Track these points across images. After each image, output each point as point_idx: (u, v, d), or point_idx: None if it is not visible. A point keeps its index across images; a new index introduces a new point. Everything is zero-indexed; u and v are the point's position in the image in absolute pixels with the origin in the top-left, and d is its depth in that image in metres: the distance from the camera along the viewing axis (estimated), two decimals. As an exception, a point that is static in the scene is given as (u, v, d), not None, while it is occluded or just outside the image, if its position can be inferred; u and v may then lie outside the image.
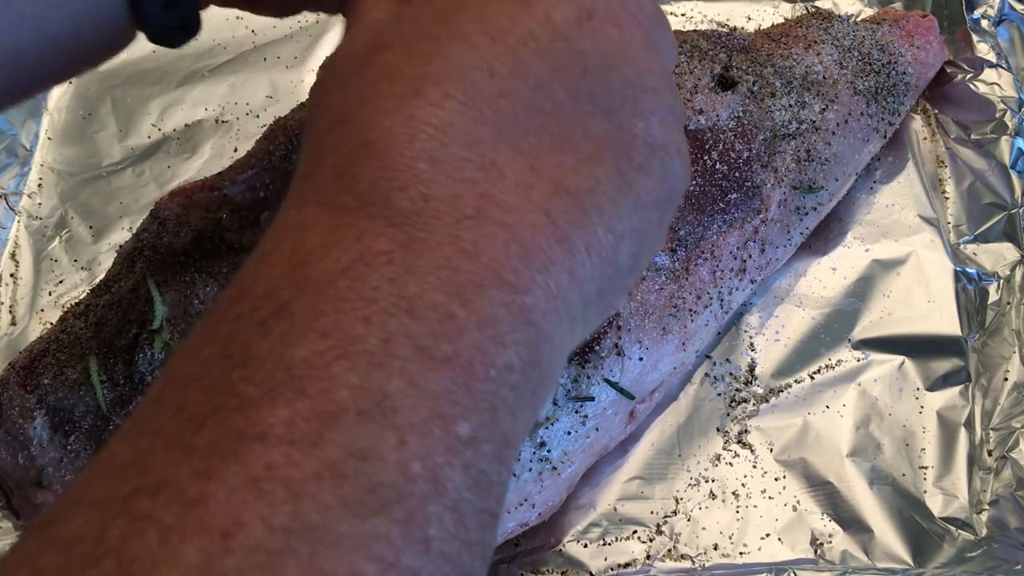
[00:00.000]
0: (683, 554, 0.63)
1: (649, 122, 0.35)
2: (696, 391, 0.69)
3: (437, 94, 0.32)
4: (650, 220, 0.35)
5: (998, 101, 0.78)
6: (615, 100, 0.34)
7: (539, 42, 0.33)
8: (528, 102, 0.33)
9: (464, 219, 0.31)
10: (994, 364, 0.70)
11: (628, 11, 0.36)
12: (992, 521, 0.64)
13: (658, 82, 0.36)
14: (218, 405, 0.27)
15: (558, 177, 0.33)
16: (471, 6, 0.34)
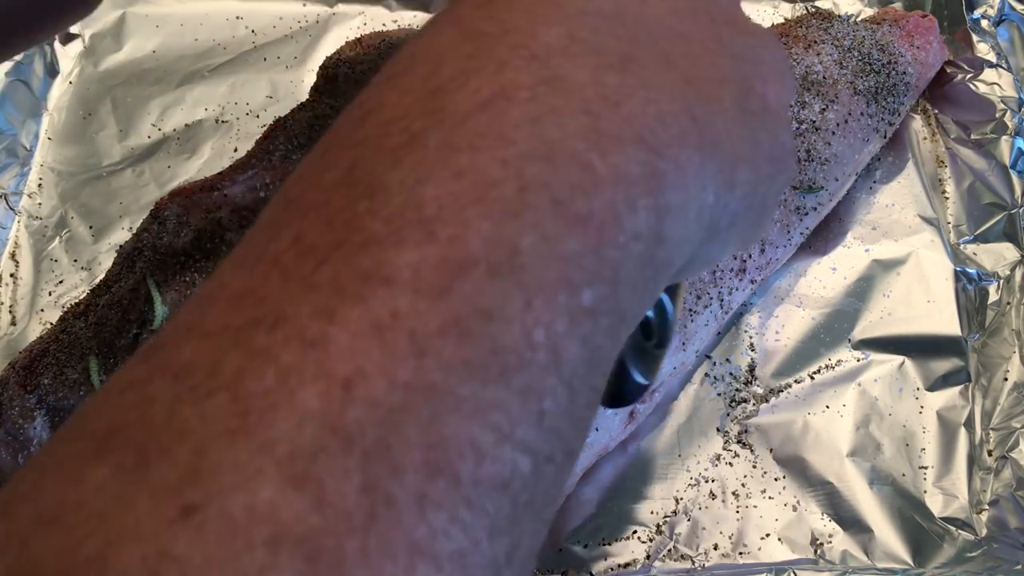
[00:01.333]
0: (683, 554, 0.63)
1: (766, 85, 0.34)
2: (696, 391, 0.69)
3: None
4: (762, 171, 0.34)
5: (998, 101, 0.78)
6: (739, 49, 0.33)
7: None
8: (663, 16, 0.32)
9: (607, 68, 0.29)
10: (994, 364, 0.70)
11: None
12: (992, 521, 0.64)
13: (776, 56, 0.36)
14: (342, 239, 0.25)
15: (689, 76, 0.31)
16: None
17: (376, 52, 0.70)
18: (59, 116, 0.82)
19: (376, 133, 0.27)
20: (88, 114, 0.82)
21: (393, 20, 0.87)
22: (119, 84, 0.84)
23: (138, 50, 0.85)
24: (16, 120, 0.80)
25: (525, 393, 0.25)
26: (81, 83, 0.83)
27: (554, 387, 0.25)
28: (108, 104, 0.83)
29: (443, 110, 0.27)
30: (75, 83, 0.84)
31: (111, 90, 0.83)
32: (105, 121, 0.82)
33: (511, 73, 0.27)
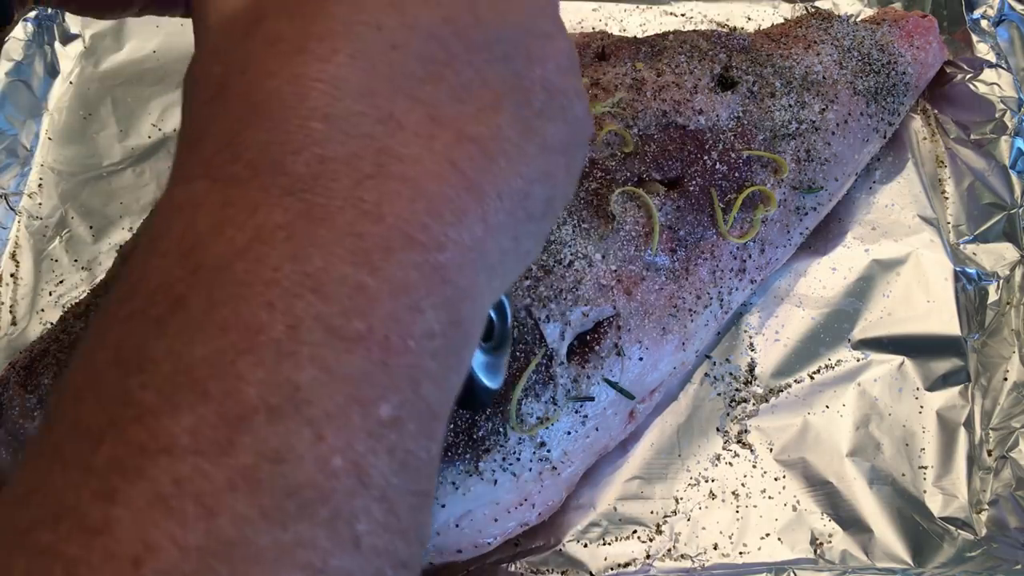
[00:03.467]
0: (683, 554, 0.63)
1: (546, 68, 0.34)
2: (696, 391, 0.69)
3: (324, 49, 0.30)
4: (558, 163, 0.34)
5: (998, 101, 0.78)
6: (509, 47, 0.33)
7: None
8: (421, 53, 0.31)
9: (365, 178, 0.29)
10: (994, 364, 0.70)
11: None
12: (992, 521, 0.64)
13: (550, 26, 0.35)
14: (116, 417, 0.25)
15: (459, 126, 0.31)
16: None
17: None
18: (59, 116, 0.82)
19: (142, 306, 0.27)
20: (88, 114, 0.82)
21: (393, 20, 0.87)
22: (119, 84, 0.84)
23: (138, 50, 0.85)
24: (16, 120, 0.80)
25: (332, 523, 0.25)
26: (81, 83, 0.84)
27: (366, 507, 0.26)
28: (108, 104, 0.83)
29: (202, 267, 0.27)
30: (75, 83, 0.84)
31: (111, 90, 0.83)
32: (105, 121, 0.82)
33: (264, 215, 0.27)
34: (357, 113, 0.29)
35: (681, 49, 0.72)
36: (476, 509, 0.58)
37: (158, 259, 0.28)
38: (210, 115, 0.31)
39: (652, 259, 0.64)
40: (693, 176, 0.66)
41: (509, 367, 0.58)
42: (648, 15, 0.88)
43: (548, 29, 0.35)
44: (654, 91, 0.69)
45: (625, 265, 0.63)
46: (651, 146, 0.67)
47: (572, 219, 0.64)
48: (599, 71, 0.70)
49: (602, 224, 0.64)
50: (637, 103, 0.68)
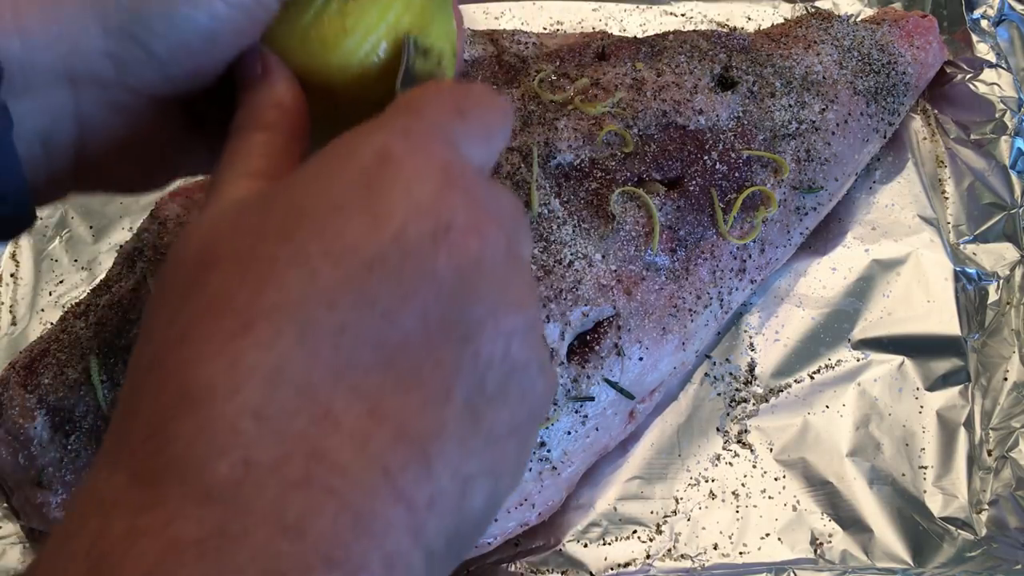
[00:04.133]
0: (683, 554, 0.63)
1: (509, 343, 0.32)
2: (696, 391, 0.69)
3: (268, 332, 0.28)
4: (506, 452, 0.32)
5: (998, 101, 0.78)
6: (472, 325, 0.31)
7: (388, 265, 0.29)
8: (373, 336, 0.29)
9: (290, 488, 0.27)
10: (994, 364, 0.70)
11: (489, 215, 0.32)
12: (992, 521, 0.64)
13: (521, 294, 0.32)
14: None
15: (401, 420, 0.29)
16: (315, 219, 0.30)
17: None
18: (59, 116, 0.82)
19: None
20: (88, 114, 0.82)
21: (393, 20, 0.87)
22: (119, 84, 0.83)
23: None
24: (16, 120, 0.80)
25: None
26: (81, 83, 0.83)
27: None
28: (108, 104, 0.83)
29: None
30: (75, 83, 0.83)
31: (111, 90, 0.83)
32: (105, 121, 0.82)
33: (179, 526, 0.26)
34: (292, 410, 0.28)
35: (681, 49, 0.72)
36: (476, 509, 0.58)
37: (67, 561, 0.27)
38: (145, 389, 0.29)
39: (652, 259, 0.64)
40: (693, 176, 0.66)
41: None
42: (648, 15, 0.88)
43: (517, 297, 0.32)
44: (654, 91, 0.69)
45: (625, 265, 0.63)
46: (651, 146, 0.67)
47: (572, 219, 0.64)
48: (599, 71, 0.70)
49: (602, 224, 0.64)
50: (637, 103, 0.68)
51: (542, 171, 0.65)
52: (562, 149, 0.66)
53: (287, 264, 0.29)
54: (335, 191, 0.31)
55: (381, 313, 0.29)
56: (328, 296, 0.29)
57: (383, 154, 0.31)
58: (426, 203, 0.30)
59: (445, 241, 0.30)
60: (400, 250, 0.30)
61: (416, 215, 0.30)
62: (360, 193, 0.30)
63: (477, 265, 0.31)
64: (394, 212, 0.30)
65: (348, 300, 0.29)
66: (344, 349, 0.29)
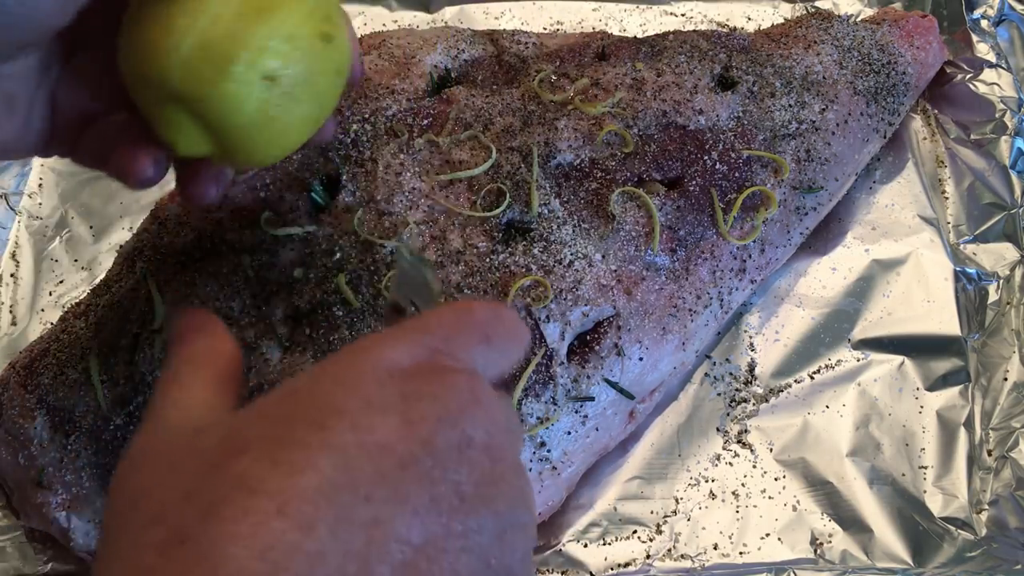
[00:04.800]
0: (683, 554, 0.63)
1: (513, 559, 0.33)
2: (696, 391, 0.69)
3: (304, 518, 0.28)
4: None
5: (998, 101, 0.78)
6: (487, 537, 0.32)
7: (420, 467, 0.31)
8: (402, 534, 0.30)
9: None
10: (994, 364, 0.70)
11: (504, 435, 0.34)
12: (992, 521, 0.64)
13: (527, 515, 0.35)
14: None
15: None
16: (348, 412, 0.31)
17: (377, 53, 0.71)
18: (59, 116, 0.82)
19: None
20: (88, 114, 0.82)
21: (393, 20, 0.87)
22: (119, 84, 0.83)
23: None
24: (16, 120, 0.80)
25: None
26: (81, 83, 0.83)
27: None
28: (108, 104, 0.83)
29: None
30: (75, 83, 0.83)
31: (111, 90, 0.83)
32: (105, 121, 0.82)
33: None
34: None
35: (681, 49, 0.72)
36: (476, 509, 0.58)
37: None
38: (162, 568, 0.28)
39: (652, 259, 0.64)
40: (693, 176, 0.66)
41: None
42: (648, 15, 0.88)
43: (524, 517, 0.34)
44: (654, 91, 0.69)
45: (625, 265, 0.63)
46: (651, 146, 0.67)
47: (572, 219, 0.64)
48: (599, 71, 0.70)
49: (602, 224, 0.64)
50: (637, 103, 0.68)
51: (542, 171, 0.65)
52: (562, 149, 0.66)
53: (320, 450, 0.29)
54: (366, 390, 0.32)
55: (411, 512, 0.30)
56: (363, 489, 0.29)
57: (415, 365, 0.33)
58: (453, 415, 0.32)
59: (468, 454, 0.32)
60: (430, 456, 0.31)
61: (444, 426, 0.32)
62: (392, 396, 0.32)
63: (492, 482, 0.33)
64: (425, 419, 0.32)
65: (382, 495, 0.30)
66: (376, 544, 0.29)
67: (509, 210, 0.63)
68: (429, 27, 0.81)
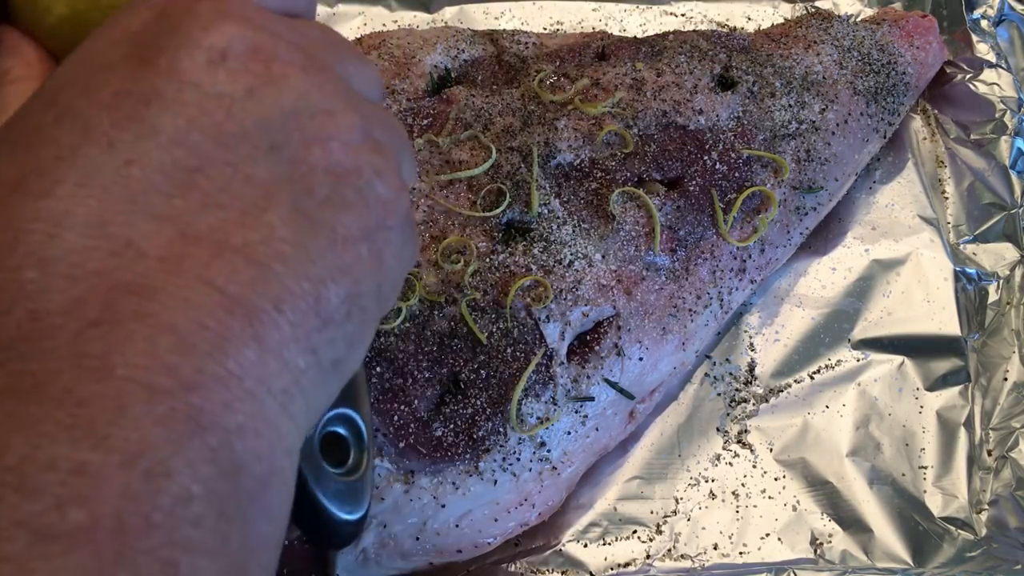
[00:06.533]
0: (683, 554, 0.63)
1: (328, 148, 0.30)
2: (696, 391, 0.69)
3: (44, 183, 0.27)
4: (357, 255, 0.30)
5: (998, 101, 0.78)
6: (277, 135, 0.30)
7: (165, 96, 0.29)
8: (164, 163, 0.28)
9: (89, 327, 0.25)
10: (994, 364, 0.70)
11: (275, 37, 0.31)
12: (992, 521, 0.64)
13: (330, 102, 0.31)
14: None
15: (219, 237, 0.27)
16: (80, 79, 0.29)
17: (377, 53, 0.71)
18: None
19: None
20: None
21: (393, 20, 0.87)
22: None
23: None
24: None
25: None
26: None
27: None
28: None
29: None
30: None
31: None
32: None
33: None
34: (85, 248, 0.26)
35: (681, 49, 0.72)
36: (476, 509, 0.58)
37: None
38: None
39: (652, 259, 0.64)
40: (693, 176, 0.66)
41: (507, 369, 0.58)
42: (648, 15, 0.88)
43: (326, 104, 0.31)
44: (654, 91, 0.69)
45: (625, 265, 0.63)
46: (651, 146, 0.67)
47: (572, 219, 0.64)
48: (599, 71, 0.70)
49: (602, 224, 0.64)
50: (637, 103, 0.68)
51: (542, 171, 0.65)
52: (562, 149, 0.66)
53: (55, 123, 0.28)
54: (98, 55, 0.30)
55: (167, 140, 0.28)
56: (105, 138, 0.28)
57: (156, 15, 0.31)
58: (196, 36, 0.30)
59: (224, 66, 0.30)
60: (175, 82, 0.29)
61: (187, 48, 0.29)
62: (126, 49, 0.30)
63: (268, 82, 0.30)
64: (163, 51, 0.29)
65: (128, 136, 0.28)
66: (135, 180, 0.27)
67: (509, 210, 0.63)
68: (429, 27, 0.81)
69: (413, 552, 0.58)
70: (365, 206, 0.31)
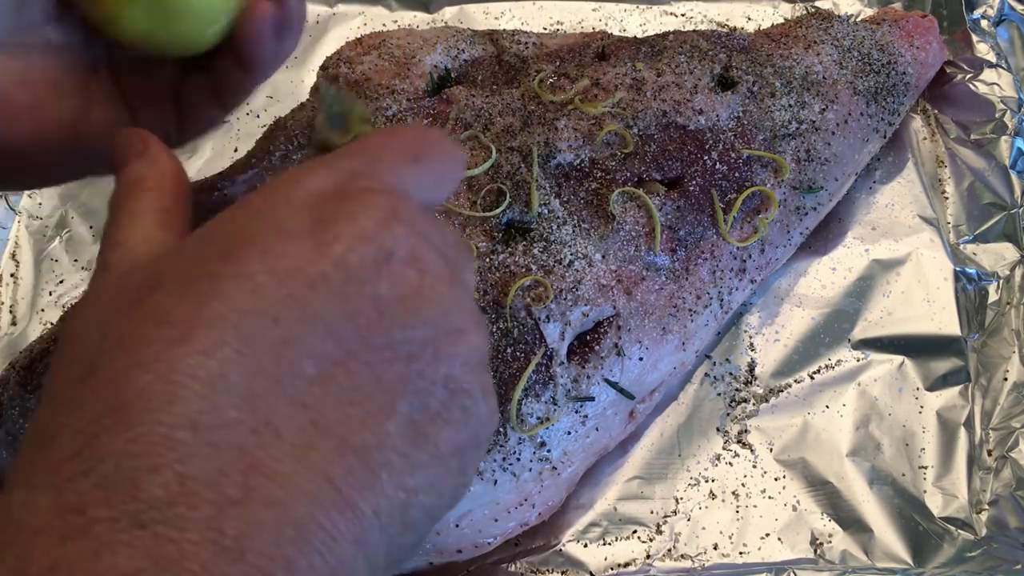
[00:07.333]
0: (683, 554, 0.63)
1: (452, 366, 0.32)
2: (696, 391, 0.69)
3: (209, 341, 0.28)
4: (449, 470, 0.32)
5: (998, 101, 0.78)
6: (415, 346, 0.31)
7: (332, 286, 0.30)
8: (316, 350, 0.29)
9: (228, 505, 0.26)
10: (994, 364, 0.70)
11: (431, 246, 0.32)
12: (992, 521, 0.64)
13: (464, 321, 0.33)
14: None
15: (343, 433, 0.29)
16: (259, 241, 0.30)
17: (377, 53, 0.71)
18: (59, 116, 0.82)
19: None
20: (88, 114, 0.82)
21: (393, 20, 0.87)
22: (119, 84, 0.83)
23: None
24: (16, 120, 0.80)
25: None
26: (81, 83, 0.83)
27: None
28: (108, 104, 0.82)
29: None
30: (75, 83, 0.83)
31: (111, 90, 0.83)
32: (105, 121, 0.82)
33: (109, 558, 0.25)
34: (232, 421, 0.27)
35: (681, 49, 0.72)
36: (476, 509, 0.58)
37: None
38: (71, 401, 0.28)
39: (652, 259, 0.64)
40: (693, 176, 0.66)
41: (507, 369, 0.58)
42: (648, 15, 0.88)
43: (460, 323, 0.33)
44: (654, 91, 0.69)
45: (625, 265, 0.63)
46: (651, 146, 0.67)
47: (572, 219, 0.64)
48: (599, 71, 0.70)
49: (602, 224, 0.64)
50: (637, 103, 0.68)
51: (542, 171, 0.65)
52: (562, 149, 0.66)
53: (229, 279, 0.29)
54: (279, 218, 0.31)
55: (324, 329, 0.30)
56: (271, 311, 0.29)
57: (333, 189, 0.32)
58: (370, 233, 0.31)
59: (387, 268, 0.31)
60: (343, 273, 0.30)
61: (359, 243, 0.31)
62: (305, 221, 0.31)
63: (418, 293, 0.31)
64: (339, 239, 0.31)
65: (291, 315, 0.29)
66: (287, 362, 0.29)
67: (509, 210, 0.63)
68: (429, 27, 0.81)
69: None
70: (467, 424, 0.33)
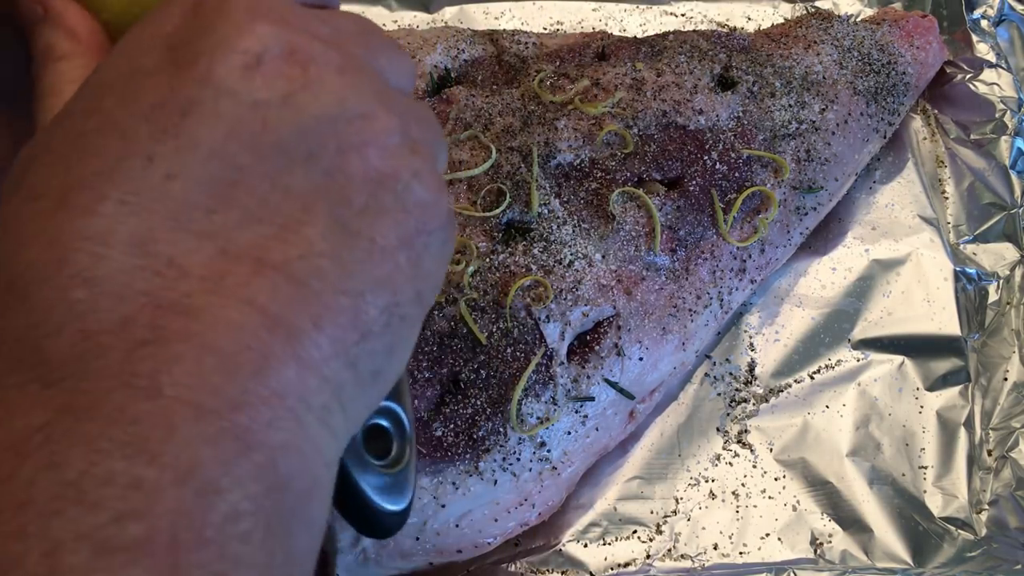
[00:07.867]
0: (683, 554, 0.63)
1: (364, 154, 0.30)
2: (696, 391, 0.69)
3: (87, 199, 0.27)
4: (396, 263, 0.30)
5: (998, 101, 0.78)
6: (313, 143, 0.29)
7: (204, 107, 0.28)
8: (204, 177, 0.28)
9: (138, 347, 0.25)
10: (994, 364, 0.70)
11: (310, 36, 0.30)
12: (992, 521, 0.64)
13: (367, 105, 0.30)
14: None
15: (258, 254, 0.27)
16: (116, 87, 0.29)
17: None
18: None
19: None
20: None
21: (393, 20, 0.87)
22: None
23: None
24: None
25: None
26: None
27: None
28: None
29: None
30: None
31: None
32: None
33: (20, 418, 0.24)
34: (130, 268, 0.26)
35: (681, 49, 0.72)
36: (476, 509, 0.58)
37: None
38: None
39: (652, 259, 0.64)
40: (693, 176, 0.66)
41: (507, 369, 0.58)
42: (648, 15, 0.88)
43: (362, 108, 0.30)
44: (654, 91, 0.69)
45: (625, 265, 0.63)
46: (651, 146, 0.67)
47: (572, 219, 0.64)
48: (599, 71, 0.70)
49: (602, 224, 0.64)
50: (637, 103, 0.68)
51: (542, 171, 0.65)
52: (562, 149, 0.66)
53: (96, 134, 0.28)
54: (133, 59, 0.30)
55: (206, 154, 0.28)
56: (145, 149, 0.28)
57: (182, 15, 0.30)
58: (231, 39, 0.29)
59: (259, 71, 0.29)
60: (211, 91, 0.28)
61: (221, 52, 0.29)
62: (162, 54, 0.29)
63: (304, 87, 0.29)
64: (199, 56, 0.29)
65: (166, 148, 0.28)
66: (176, 196, 0.27)
67: (509, 210, 0.63)
68: (429, 27, 0.81)
69: (413, 552, 0.58)
70: (403, 212, 0.31)
